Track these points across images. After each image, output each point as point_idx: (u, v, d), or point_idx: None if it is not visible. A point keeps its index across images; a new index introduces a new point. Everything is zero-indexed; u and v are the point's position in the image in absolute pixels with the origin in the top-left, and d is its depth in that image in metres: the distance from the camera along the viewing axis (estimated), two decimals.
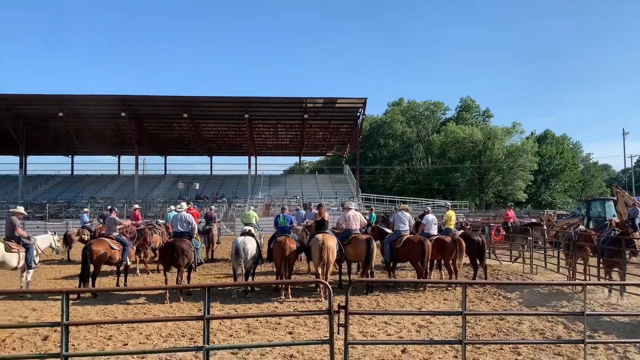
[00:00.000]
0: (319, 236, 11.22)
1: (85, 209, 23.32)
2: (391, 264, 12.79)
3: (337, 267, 12.53)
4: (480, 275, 13.40)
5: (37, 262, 12.26)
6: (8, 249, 11.31)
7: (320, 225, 11.82)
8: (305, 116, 40.95)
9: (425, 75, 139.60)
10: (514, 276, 14.45)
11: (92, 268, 11.61)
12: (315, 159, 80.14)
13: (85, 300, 10.81)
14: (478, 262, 13.06)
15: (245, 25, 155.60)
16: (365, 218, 13.51)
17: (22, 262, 11.57)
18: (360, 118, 42.12)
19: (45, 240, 13.10)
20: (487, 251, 14.98)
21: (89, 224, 20.29)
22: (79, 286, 11.43)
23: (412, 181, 71.26)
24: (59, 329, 7.68)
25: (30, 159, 50.68)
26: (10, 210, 12.43)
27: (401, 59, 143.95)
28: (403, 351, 6.86)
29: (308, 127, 45.02)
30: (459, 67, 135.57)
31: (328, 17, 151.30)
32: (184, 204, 12.63)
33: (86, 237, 19.07)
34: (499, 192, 66.28)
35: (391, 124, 70.58)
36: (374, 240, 12.06)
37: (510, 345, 7.09)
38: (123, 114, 39.18)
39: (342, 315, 5.42)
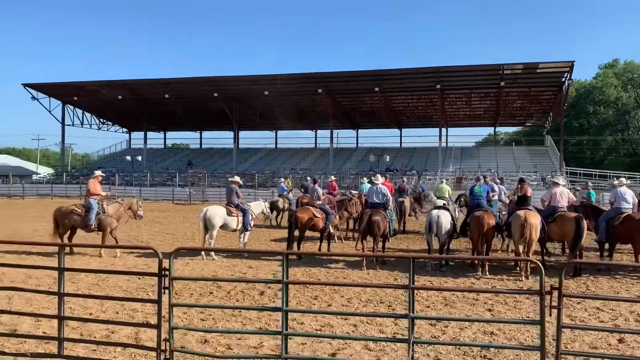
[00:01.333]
0: (521, 212, 10.59)
1: (282, 179, 25.35)
2: (606, 244, 11.51)
3: (540, 246, 11.70)
4: None
5: (252, 225, 13.78)
6: (229, 213, 12.88)
7: (522, 201, 11.11)
8: (502, 84, 38.44)
9: None
10: None
11: (297, 233, 12.66)
12: (511, 129, 75.19)
13: (291, 262, 11.80)
14: None
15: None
16: (576, 195, 12.32)
17: (240, 225, 13.09)
18: (566, 84, 37.96)
19: (258, 207, 14.55)
20: None
21: (285, 192, 22.00)
22: (286, 249, 12.56)
23: (627, 153, 62.41)
24: (272, 285, 8.66)
25: (242, 134, 56.72)
26: (229, 179, 14.11)
27: (615, 13, 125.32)
28: (620, 340, 6.16)
29: (504, 95, 42.24)
30: None
31: None
32: (379, 176, 12.89)
33: (285, 205, 20.67)
34: None
35: (602, 88, 62.31)
36: (584, 219, 10.93)
37: None
38: (320, 90, 41.45)
39: (554, 296, 5.02)
